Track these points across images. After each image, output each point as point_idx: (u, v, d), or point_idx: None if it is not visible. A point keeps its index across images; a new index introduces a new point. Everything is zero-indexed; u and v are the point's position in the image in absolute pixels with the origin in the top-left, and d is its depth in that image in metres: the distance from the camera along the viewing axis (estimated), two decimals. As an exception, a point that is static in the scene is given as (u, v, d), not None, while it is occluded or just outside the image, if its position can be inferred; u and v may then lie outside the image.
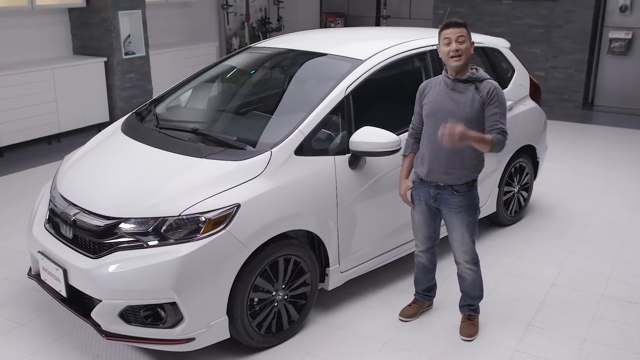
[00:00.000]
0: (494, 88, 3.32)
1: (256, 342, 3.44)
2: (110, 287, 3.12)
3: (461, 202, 3.43)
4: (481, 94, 3.31)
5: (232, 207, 3.20)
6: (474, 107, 3.32)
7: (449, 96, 3.37)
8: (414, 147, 3.61)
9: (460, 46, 3.27)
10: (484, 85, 3.33)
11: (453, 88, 3.36)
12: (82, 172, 3.74)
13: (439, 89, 3.42)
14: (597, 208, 5.66)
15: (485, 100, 3.30)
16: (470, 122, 3.31)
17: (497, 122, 3.29)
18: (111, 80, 8.17)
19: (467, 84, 3.34)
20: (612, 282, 4.31)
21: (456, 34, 3.28)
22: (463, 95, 3.34)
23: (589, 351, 3.52)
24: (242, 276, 3.25)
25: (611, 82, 9.56)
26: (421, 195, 3.55)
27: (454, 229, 3.49)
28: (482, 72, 3.39)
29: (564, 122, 8.81)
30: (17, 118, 7.18)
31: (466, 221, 3.46)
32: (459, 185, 3.41)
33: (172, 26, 9.99)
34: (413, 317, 3.82)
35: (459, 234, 3.49)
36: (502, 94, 3.34)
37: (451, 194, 3.43)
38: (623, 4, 9.16)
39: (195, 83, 4.58)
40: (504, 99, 3.35)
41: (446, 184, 3.42)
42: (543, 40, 9.56)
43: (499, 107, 3.31)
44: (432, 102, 3.43)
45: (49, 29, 8.05)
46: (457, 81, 3.35)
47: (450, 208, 3.46)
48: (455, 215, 3.45)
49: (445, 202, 3.46)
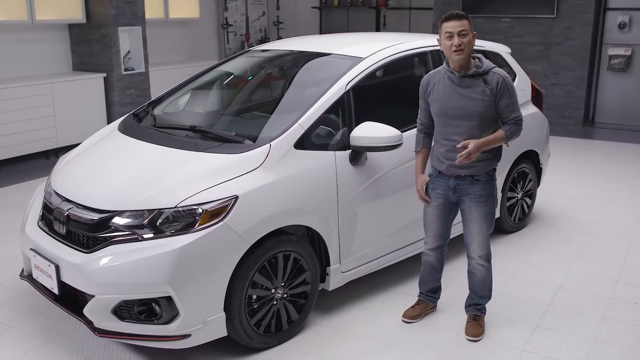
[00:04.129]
0: (502, 79, 3.27)
1: (255, 341, 3.32)
2: (103, 281, 3.01)
3: (481, 191, 3.38)
4: (491, 87, 3.26)
5: (229, 198, 3.11)
6: (485, 101, 3.26)
7: (457, 92, 3.31)
8: (425, 141, 3.55)
9: (462, 40, 3.22)
10: (491, 77, 3.27)
11: (460, 84, 3.30)
12: (77, 170, 3.66)
13: (444, 84, 3.36)
14: (602, 217, 5.56)
15: (496, 92, 3.26)
16: (484, 117, 3.28)
17: (510, 112, 3.30)
18: (110, 96, 8.15)
19: (474, 78, 3.28)
20: (620, 285, 4.20)
21: (458, 28, 3.22)
22: (472, 90, 3.28)
23: (600, 351, 3.40)
24: (240, 271, 3.15)
25: (611, 99, 9.54)
26: (439, 187, 3.47)
27: (471, 219, 3.41)
28: (486, 61, 3.34)
29: (566, 138, 8.76)
30: (15, 132, 7.13)
31: (485, 212, 3.40)
32: (480, 175, 3.37)
33: (172, 44, 10.01)
34: (416, 319, 3.70)
35: (476, 226, 3.40)
36: (510, 81, 3.30)
37: (471, 183, 3.37)
38: (622, 21, 9.19)
39: (195, 84, 4.53)
40: (513, 87, 3.32)
41: (467, 174, 3.37)
42: (543, 58, 9.57)
43: (510, 97, 3.28)
44: (439, 99, 3.36)
45: (49, 45, 8.05)
46: (464, 77, 3.29)
47: (470, 198, 3.39)
48: (475, 205, 3.38)
49: (466, 191, 3.39)
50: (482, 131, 3.30)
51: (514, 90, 3.31)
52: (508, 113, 3.30)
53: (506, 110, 3.30)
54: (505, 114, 3.31)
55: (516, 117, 3.32)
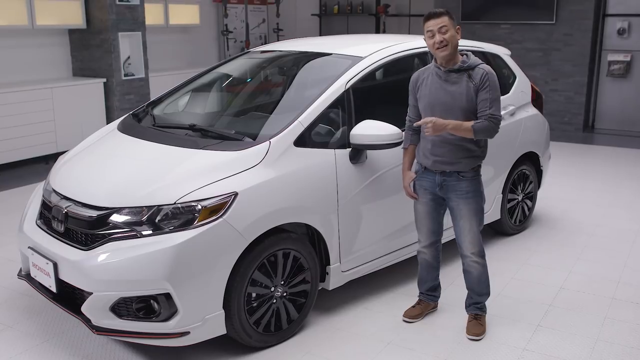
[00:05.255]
0: (485, 73, 3.26)
1: (254, 340, 3.28)
2: (101, 278, 2.99)
3: (468, 187, 3.35)
4: (474, 82, 3.25)
5: (229, 195, 3.09)
6: (469, 96, 3.26)
7: (443, 88, 3.31)
8: (413, 138, 3.53)
9: (444, 36, 3.22)
10: (476, 72, 3.27)
11: (446, 79, 3.30)
12: (76, 168, 3.64)
13: (432, 80, 3.36)
14: (603, 219, 5.54)
15: (478, 86, 3.25)
16: (468, 112, 3.27)
17: (486, 107, 3.24)
18: (110, 101, 8.14)
19: (460, 73, 3.28)
20: (622, 286, 4.17)
21: (438, 25, 3.24)
22: (457, 86, 3.28)
23: (602, 350, 3.37)
24: (240, 269, 3.12)
25: (611, 105, 9.54)
26: (426, 184, 3.45)
27: (461, 217, 3.39)
28: (474, 57, 3.33)
29: (566, 143, 8.75)
30: (14, 136, 7.11)
31: (473, 208, 3.37)
32: (465, 171, 3.34)
33: (173, 50, 10.02)
34: (417, 318, 3.67)
35: (466, 222, 3.38)
36: (495, 78, 3.27)
37: (457, 179, 3.35)
38: (621, 27, 9.21)
39: (195, 85, 4.52)
40: (497, 83, 3.28)
41: (452, 170, 3.34)
42: (542, 64, 9.57)
43: (490, 92, 3.24)
44: (427, 95, 3.37)
45: (49, 50, 8.05)
46: (449, 71, 3.29)
47: (457, 194, 3.37)
48: (463, 201, 3.36)
49: (452, 188, 3.37)
50: None
51: (497, 88, 3.27)
52: (485, 107, 3.22)
53: (483, 104, 3.23)
54: (482, 107, 3.23)
55: (492, 114, 3.22)
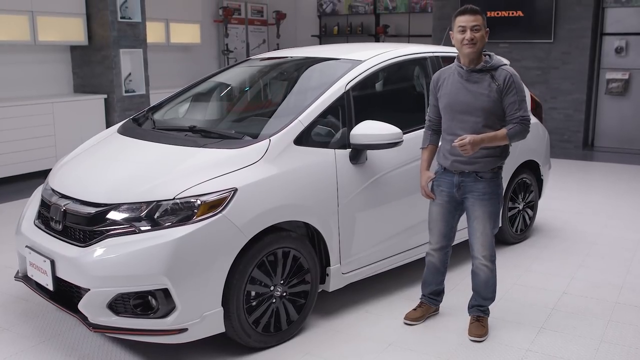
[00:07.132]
0: (510, 75, 3.25)
1: (253, 340, 3.23)
2: (99, 274, 2.95)
3: (485, 188, 3.32)
4: (498, 83, 3.23)
5: (229, 190, 3.07)
6: (492, 97, 3.24)
7: (464, 87, 3.29)
8: (432, 138, 3.52)
9: (475, 35, 3.21)
10: (499, 73, 3.25)
11: (468, 79, 3.29)
12: (75, 168, 3.63)
13: (453, 80, 3.35)
14: (604, 230, 5.51)
15: (502, 89, 3.23)
16: (489, 113, 3.25)
17: (515, 110, 3.23)
18: (111, 117, 8.16)
19: (482, 73, 3.27)
20: (626, 291, 4.13)
21: (471, 23, 3.22)
22: (479, 86, 3.26)
23: (607, 351, 3.31)
24: (239, 266, 3.09)
25: (610, 123, 9.57)
26: (443, 185, 3.43)
27: (475, 217, 3.35)
28: (497, 58, 3.33)
29: (566, 160, 8.75)
30: (15, 150, 7.12)
31: (489, 210, 3.33)
32: (484, 172, 3.32)
33: (173, 69, 10.09)
34: (419, 321, 3.62)
35: (480, 224, 3.34)
36: (519, 79, 3.27)
37: (475, 180, 3.32)
38: (618, 46, 9.28)
39: (197, 90, 4.53)
40: (521, 84, 3.28)
41: (471, 170, 3.32)
42: (541, 82, 9.62)
43: (516, 95, 3.23)
44: (447, 94, 3.35)
45: (51, 66, 8.11)
46: (472, 71, 3.28)
47: (474, 195, 3.34)
48: (478, 202, 3.33)
49: (469, 188, 3.34)
50: (486, 127, 3.26)
51: (522, 88, 3.27)
52: (513, 111, 3.23)
53: (511, 107, 3.24)
54: (511, 111, 3.24)
55: (522, 116, 3.23)
